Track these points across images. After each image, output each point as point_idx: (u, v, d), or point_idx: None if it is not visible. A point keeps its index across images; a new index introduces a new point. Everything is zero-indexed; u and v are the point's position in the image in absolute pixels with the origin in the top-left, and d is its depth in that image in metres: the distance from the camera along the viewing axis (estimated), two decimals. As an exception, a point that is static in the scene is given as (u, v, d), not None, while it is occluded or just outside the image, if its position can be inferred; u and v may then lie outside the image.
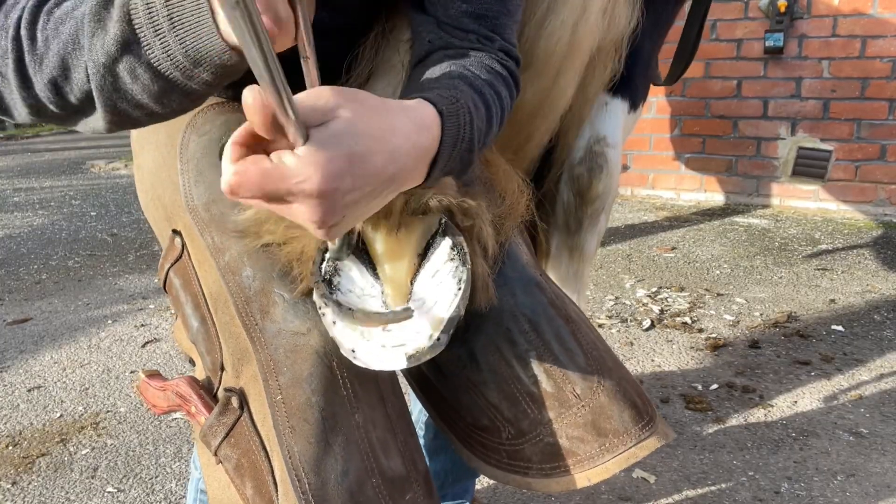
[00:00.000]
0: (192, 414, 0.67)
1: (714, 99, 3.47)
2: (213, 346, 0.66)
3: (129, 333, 2.18)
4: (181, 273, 0.70)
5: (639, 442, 0.68)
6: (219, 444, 0.63)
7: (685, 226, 3.25)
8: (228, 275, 0.65)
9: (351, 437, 0.60)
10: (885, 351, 1.89)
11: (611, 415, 0.68)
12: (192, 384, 0.67)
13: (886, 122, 3.16)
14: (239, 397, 0.63)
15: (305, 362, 0.61)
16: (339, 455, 0.59)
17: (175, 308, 0.72)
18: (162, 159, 0.73)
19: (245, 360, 0.63)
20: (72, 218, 3.85)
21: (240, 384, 0.63)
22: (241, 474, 0.62)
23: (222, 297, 0.66)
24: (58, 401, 1.76)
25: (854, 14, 3.12)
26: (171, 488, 1.39)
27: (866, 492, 1.31)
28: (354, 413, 0.61)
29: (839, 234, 3.05)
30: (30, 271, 2.88)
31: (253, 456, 0.61)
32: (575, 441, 0.69)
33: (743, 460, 1.42)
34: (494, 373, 0.69)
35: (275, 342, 0.62)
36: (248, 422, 0.62)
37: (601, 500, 1.31)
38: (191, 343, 0.69)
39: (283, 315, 0.63)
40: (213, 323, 0.66)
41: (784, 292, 2.36)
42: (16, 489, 1.40)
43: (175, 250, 0.71)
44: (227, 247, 0.66)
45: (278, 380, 0.61)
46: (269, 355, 0.62)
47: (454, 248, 0.59)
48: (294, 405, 0.60)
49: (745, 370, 1.81)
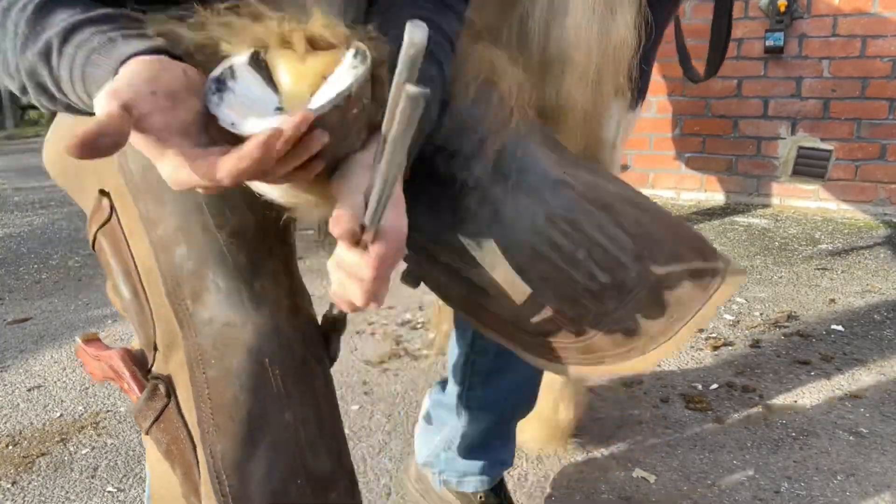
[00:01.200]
0: (125, 390, 0.65)
1: (714, 98, 3.47)
2: (146, 321, 0.63)
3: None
4: (111, 237, 0.66)
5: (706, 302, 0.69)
6: (149, 427, 0.62)
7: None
8: (160, 251, 0.61)
9: (279, 437, 0.58)
10: (885, 351, 1.89)
11: (671, 285, 0.68)
12: (126, 358, 0.64)
13: (887, 121, 3.16)
14: (166, 385, 0.60)
15: (236, 356, 0.58)
16: (264, 456, 0.58)
17: (106, 272, 0.68)
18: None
19: (174, 345, 0.61)
20: (72, 217, 3.85)
21: (168, 370, 0.61)
22: (171, 459, 0.61)
23: (153, 273, 0.62)
24: (58, 400, 1.76)
25: (854, 13, 3.12)
26: (171, 488, 1.39)
27: (866, 491, 1.31)
28: (284, 412, 0.59)
29: (839, 233, 3.05)
30: (30, 271, 2.88)
31: (181, 444, 0.60)
32: (643, 321, 0.69)
33: (743, 460, 1.42)
34: (547, 280, 0.67)
35: (205, 331, 0.59)
36: (175, 411, 0.60)
37: (601, 500, 1.31)
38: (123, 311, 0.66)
39: (216, 303, 0.60)
40: (146, 298, 0.63)
41: (784, 292, 2.36)
42: (16, 489, 1.40)
43: (102, 213, 0.67)
44: (161, 219, 0.62)
45: (206, 372, 0.58)
46: (197, 344, 0.59)
47: (357, 55, 0.51)
48: (220, 402, 0.57)
49: (744, 370, 1.81)
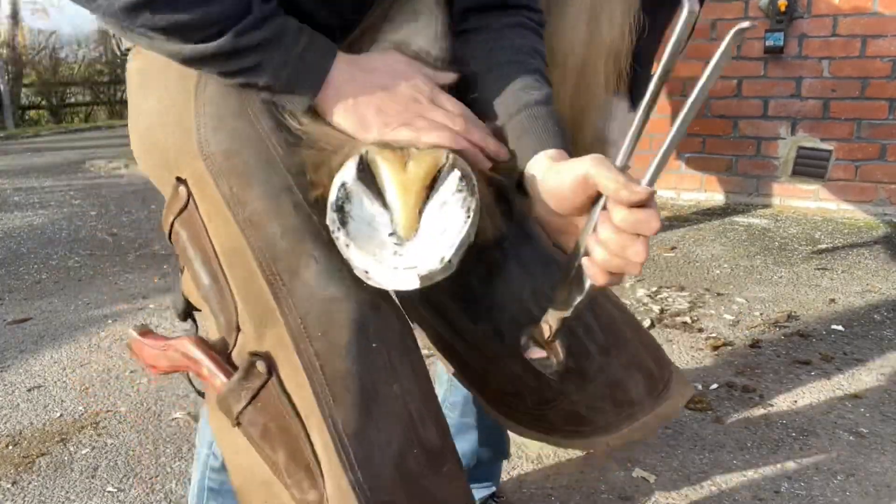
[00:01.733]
0: (204, 377, 0.63)
1: (714, 98, 3.47)
2: (226, 305, 0.63)
3: (130, 333, 2.18)
4: (188, 225, 0.66)
5: (654, 410, 0.74)
6: (242, 409, 0.61)
7: (685, 225, 3.25)
8: (250, 229, 0.61)
9: (391, 408, 0.60)
10: (885, 350, 1.89)
11: (626, 387, 0.73)
12: (200, 344, 0.63)
13: (886, 121, 3.16)
14: (266, 362, 0.60)
15: (342, 330, 0.59)
16: (382, 426, 0.59)
17: (183, 262, 0.68)
18: (171, 101, 0.68)
19: (269, 321, 0.60)
20: (72, 217, 3.85)
21: (264, 347, 0.61)
22: (270, 439, 0.60)
23: (239, 253, 0.62)
24: (58, 400, 1.76)
25: (854, 13, 3.12)
26: (172, 488, 1.39)
27: (866, 491, 1.31)
28: (393, 384, 0.60)
29: (839, 233, 3.05)
30: (30, 271, 2.88)
31: (284, 421, 0.59)
32: (594, 411, 0.74)
33: (743, 460, 1.42)
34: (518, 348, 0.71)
35: (305, 305, 0.59)
36: (276, 387, 0.60)
37: (601, 500, 1.31)
38: (202, 299, 0.66)
39: (316, 278, 0.59)
40: (226, 281, 0.63)
41: (784, 292, 2.36)
42: (16, 489, 1.40)
43: (179, 200, 0.66)
44: (249, 200, 0.62)
45: (313, 346, 0.59)
46: (298, 319, 0.59)
47: (462, 179, 0.61)
48: (332, 374, 0.58)
49: (745, 370, 1.81)
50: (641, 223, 0.53)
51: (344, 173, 0.61)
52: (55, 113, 10.93)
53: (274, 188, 0.62)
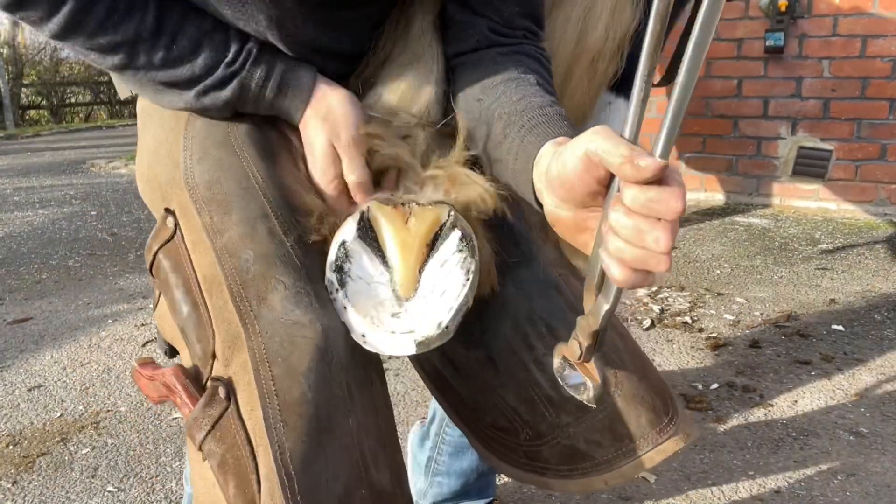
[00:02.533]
0: (178, 405, 0.63)
1: (714, 98, 3.47)
2: (204, 334, 0.62)
3: (130, 333, 2.18)
4: (172, 254, 0.66)
5: (656, 446, 0.67)
6: (203, 438, 0.59)
7: (685, 225, 3.25)
8: (225, 256, 0.61)
9: (344, 442, 0.57)
10: (885, 350, 1.89)
11: (628, 420, 0.68)
12: (178, 373, 0.63)
13: (887, 121, 3.16)
14: (226, 387, 0.58)
15: (303, 356, 0.57)
16: (331, 458, 0.56)
17: (163, 291, 0.68)
18: (164, 136, 0.71)
19: (236, 347, 0.59)
20: (72, 217, 3.85)
21: (228, 373, 0.59)
22: (225, 471, 0.57)
23: (216, 281, 0.61)
24: (58, 400, 1.76)
25: (854, 13, 3.12)
26: (172, 487, 1.39)
27: (867, 491, 1.31)
28: (349, 417, 0.57)
29: (839, 233, 3.05)
30: (30, 271, 2.88)
31: (237, 451, 0.57)
32: (592, 445, 0.68)
33: (743, 460, 1.42)
34: (512, 376, 0.69)
35: (270, 329, 0.58)
36: (234, 414, 0.57)
37: (601, 500, 1.31)
38: (177, 330, 0.65)
39: (282, 303, 0.59)
40: (206, 308, 0.62)
41: (784, 292, 2.36)
42: (16, 488, 1.40)
43: (166, 230, 0.67)
44: (227, 227, 0.62)
45: (271, 370, 0.57)
46: (262, 343, 0.58)
47: (463, 239, 0.61)
48: (288, 399, 0.56)
49: (745, 370, 1.81)
50: (657, 203, 0.42)
51: (345, 231, 0.61)
52: (55, 113, 10.94)
53: (250, 215, 0.62)
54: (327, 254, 0.62)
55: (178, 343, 0.67)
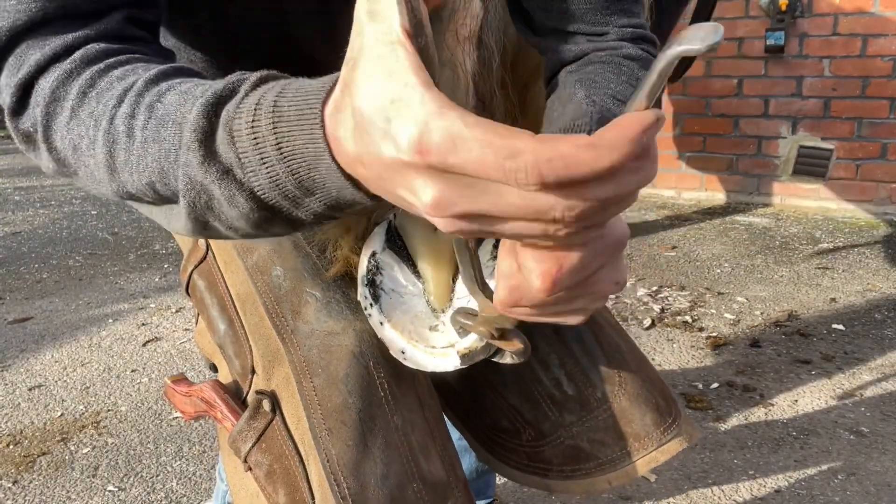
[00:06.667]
0: (218, 419, 0.65)
1: (715, 98, 3.47)
2: (241, 350, 0.64)
3: (130, 332, 2.18)
4: (206, 275, 0.68)
5: (660, 445, 0.68)
6: (249, 450, 0.61)
7: (686, 224, 3.25)
8: (257, 274, 0.64)
9: (390, 440, 0.58)
10: (885, 350, 1.89)
11: (632, 418, 0.68)
12: (217, 388, 0.65)
13: (887, 120, 3.16)
14: (271, 400, 0.60)
15: (341, 363, 0.59)
16: (379, 458, 0.57)
17: (199, 311, 0.70)
18: None
19: (276, 361, 0.62)
20: (72, 217, 3.85)
21: (271, 387, 0.62)
22: (273, 480, 0.60)
23: (251, 298, 0.64)
24: (59, 399, 1.76)
25: (855, 12, 3.12)
26: (172, 487, 1.39)
27: (867, 490, 1.31)
28: (393, 415, 0.59)
29: (840, 232, 3.05)
30: (31, 270, 2.88)
31: (286, 461, 0.59)
32: (596, 444, 0.69)
33: (743, 459, 1.42)
34: (515, 375, 0.69)
35: (308, 342, 0.60)
36: (280, 425, 0.60)
37: (602, 500, 1.31)
38: (215, 347, 0.68)
39: (315, 315, 0.61)
40: (241, 325, 0.65)
41: (785, 291, 2.36)
42: (17, 488, 1.40)
43: (199, 251, 0.69)
44: (255, 246, 0.64)
45: (313, 381, 0.59)
46: (302, 356, 0.60)
47: (497, 246, 0.58)
48: (330, 407, 0.58)
49: (745, 369, 1.81)
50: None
51: (373, 242, 0.60)
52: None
53: None
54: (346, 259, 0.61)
55: (217, 359, 0.69)
